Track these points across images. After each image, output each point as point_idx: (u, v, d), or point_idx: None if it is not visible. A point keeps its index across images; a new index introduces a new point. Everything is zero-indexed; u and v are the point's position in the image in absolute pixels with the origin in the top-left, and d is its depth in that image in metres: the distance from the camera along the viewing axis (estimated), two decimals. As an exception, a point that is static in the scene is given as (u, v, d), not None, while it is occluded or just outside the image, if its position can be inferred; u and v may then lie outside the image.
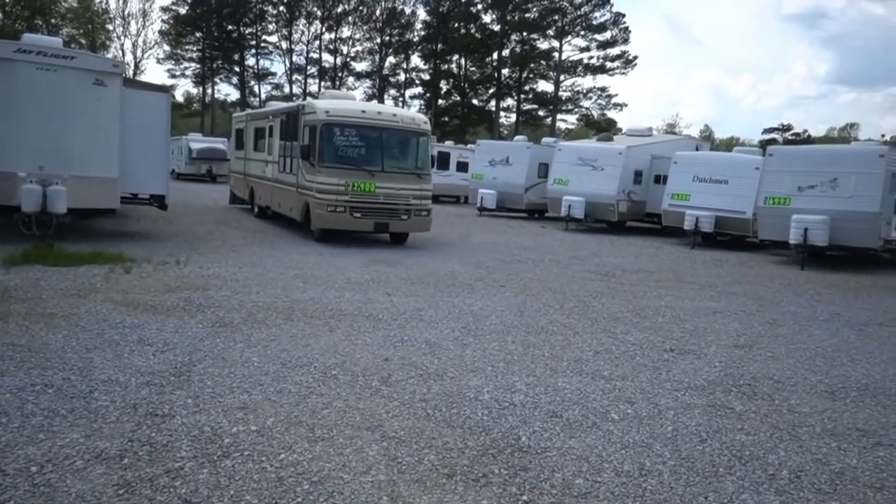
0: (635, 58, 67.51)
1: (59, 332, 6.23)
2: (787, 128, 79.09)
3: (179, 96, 75.57)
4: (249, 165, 19.76)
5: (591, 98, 67.99)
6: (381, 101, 74.69)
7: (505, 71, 70.50)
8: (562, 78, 67.91)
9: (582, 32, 69.21)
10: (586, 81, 67.72)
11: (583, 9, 68.57)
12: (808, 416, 5.28)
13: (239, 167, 21.23)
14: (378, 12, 74.60)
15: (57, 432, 4.10)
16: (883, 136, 58.93)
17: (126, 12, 68.57)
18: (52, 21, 63.66)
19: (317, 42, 75.23)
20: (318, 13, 74.41)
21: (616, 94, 61.83)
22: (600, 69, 68.36)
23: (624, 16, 67.88)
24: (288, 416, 4.60)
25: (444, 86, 73.90)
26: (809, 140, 67.19)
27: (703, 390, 5.77)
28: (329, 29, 75.18)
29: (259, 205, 18.73)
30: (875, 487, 4.08)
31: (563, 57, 69.04)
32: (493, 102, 71.75)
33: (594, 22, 68.31)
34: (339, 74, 75.90)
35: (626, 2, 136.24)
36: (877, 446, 4.73)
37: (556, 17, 68.74)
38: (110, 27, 68.77)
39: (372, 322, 7.50)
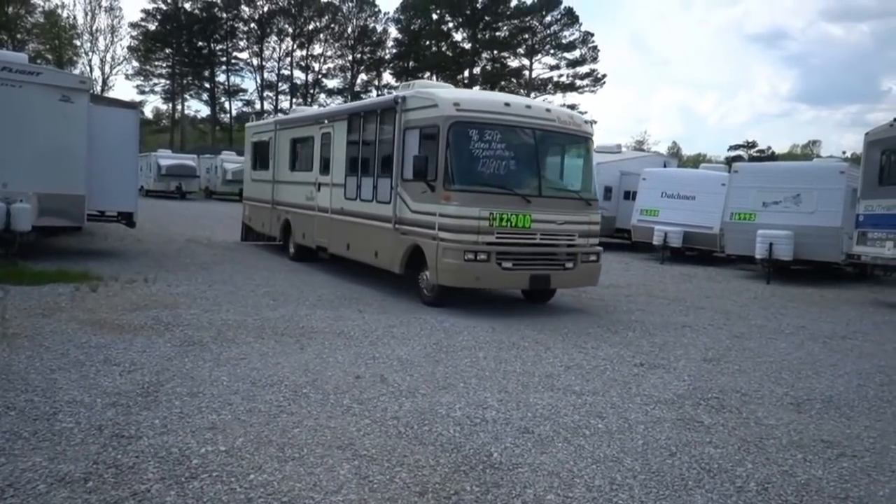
0: (604, 76, 68.82)
1: (23, 353, 6.09)
2: (752, 144, 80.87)
3: (149, 112, 74.93)
4: (282, 190, 14.80)
5: (561, 115, 68.81)
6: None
7: (476, 88, 71.20)
8: (532, 95, 68.74)
9: (552, 51, 70.31)
10: (556, 99, 68.66)
11: (552, 28, 69.68)
12: (775, 428, 5.37)
13: (260, 193, 16.06)
14: (349, 30, 74.91)
15: (19, 455, 4.01)
16: (844, 152, 60.52)
17: (94, 28, 67.88)
18: (18, 36, 62.72)
19: (288, 59, 75.27)
20: (290, 30, 74.47)
21: (586, 112, 62.73)
22: (570, 87, 69.42)
23: (592, 35, 69.08)
24: (258, 436, 4.54)
25: (414, 103, 74.18)
26: (773, 157, 68.72)
27: (673, 404, 5.84)
28: (300, 46, 75.26)
29: (301, 244, 13.84)
30: (839, 498, 4.15)
31: (534, 75, 70.08)
32: (464, 119, 72.11)
33: (563, 41, 69.44)
34: (311, 91, 75.86)
35: (594, 21, 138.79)
36: (841, 457, 4.82)
37: (527, 36, 69.73)
38: (78, 43, 67.98)
39: (343, 339, 7.46)
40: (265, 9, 72.94)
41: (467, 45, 71.88)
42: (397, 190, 10.12)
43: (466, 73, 71.70)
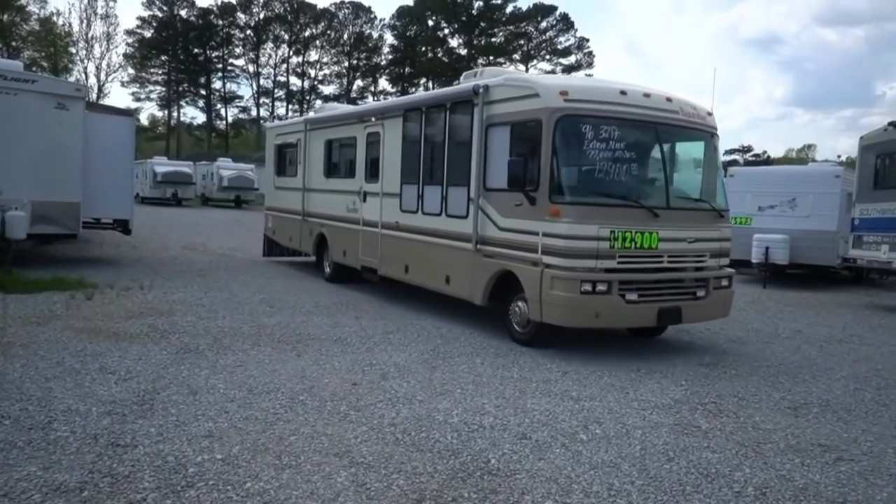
0: (600, 81, 68.79)
1: (17, 362, 6.06)
2: (747, 149, 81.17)
3: (144, 119, 74.97)
4: (315, 200, 12.94)
5: (557, 121, 69.08)
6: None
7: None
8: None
9: (547, 56, 70.58)
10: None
11: (548, 34, 69.95)
12: (773, 432, 5.36)
13: (287, 202, 14.14)
14: (346, 36, 75.09)
15: (14, 465, 3.98)
16: (839, 156, 60.75)
17: (90, 35, 67.97)
18: (14, 44, 62.76)
19: (284, 65, 75.43)
20: (286, 37, 74.65)
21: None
22: (566, 92, 69.44)
23: (588, 40, 69.37)
24: (254, 444, 4.52)
25: (412, 109, 74.37)
26: (769, 161, 68.99)
27: (670, 409, 5.83)
28: (296, 52, 75.43)
29: (340, 262, 12.02)
30: (837, 502, 4.15)
31: (530, 80, 70.02)
32: (460, 125, 72.30)
33: (559, 46, 69.71)
34: (307, 97, 75.98)
35: (589, 27, 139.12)
36: (839, 461, 4.82)
37: (522, 42, 69.96)
38: (73, 50, 68.00)
39: (340, 346, 7.44)
40: (261, 16, 73.19)
41: (463, 52, 72.12)
42: (478, 202, 8.33)
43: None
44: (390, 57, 75.11)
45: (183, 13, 72.03)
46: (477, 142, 8.40)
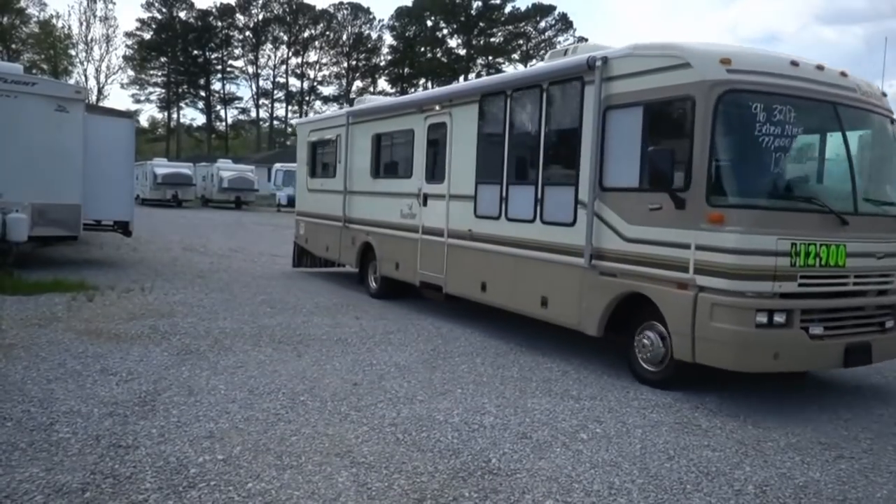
0: (599, 81, 68.80)
1: (19, 363, 6.08)
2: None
3: (144, 121, 75.11)
4: (360, 204, 11.39)
5: (556, 120, 69.20)
6: (349, 124, 74.92)
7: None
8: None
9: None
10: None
11: (546, 33, 69.99)
12: (773, 430, 5.37)
13: (323, 206, 12.64)
14: (345, 37, 75.16)
15: (16, 467, 3.99)
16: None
17: (89, 38, 68.14)
18: (13, 47, 62.84)
19: (283, 66, 75.53)
20: (285, 38, 74.74)
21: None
22: (565, 92, 69.47)
23: (587, 40, 69.23)
24: (255, 444, 4.54)
25: (411, 109, 74.44)
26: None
27: (670, 408, 5.84)
28: (296, 53, 75.52)
29: (390, 276, 10.50)
30: (838, 500, 4.16)
31: (529, 80, 70.08)
32: (460, 125, 72.39)
33: (558, 46, 69.58)
34: (307, 98, 76.03)
35: (588, 27, 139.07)
36: (839, 459, 4.83)
37: (521, 42, 69.99)
38: (73, 53, 68.07)
39: (341, 346, 7.45)
40: (260, 17, 73.25)
41: (462, 52, 72.18)
42: (592, 206, 6.75)
43: (461, 79, 71.90)
44: (389, 57, 75.21)
45: (182, 15, 72.16)
46: (591, 129, 6.79)
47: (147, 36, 72.10)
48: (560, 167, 7.54)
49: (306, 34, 74.97)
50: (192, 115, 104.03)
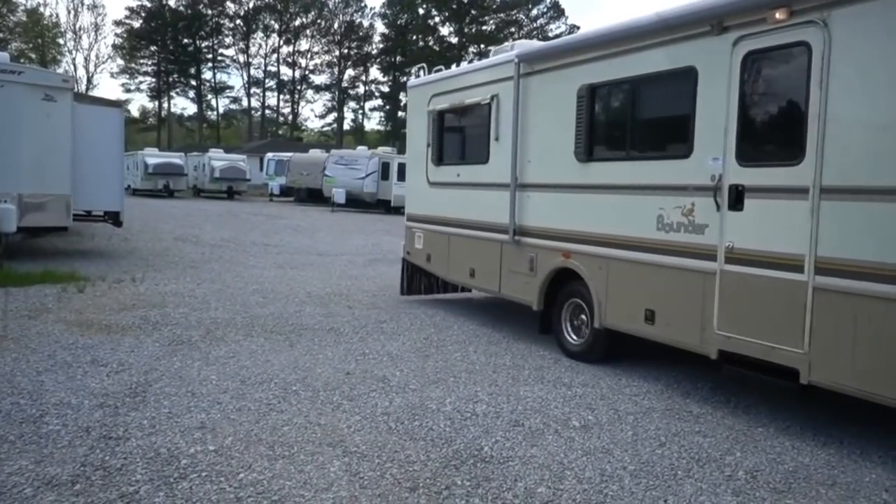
0: (592, 68, 68.63)
1: (9, 355, 6.04)
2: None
3: (135, 111, 74.59)
4: (544, 206, 7.31)
5: (549, 108, 69.16)
6: (341, 114, 74.74)
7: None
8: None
9: (539, 44, 70.20)
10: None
11: (539, 21, 69.70)
12: (763, 416, 5.40)
13: (464, 209, 8.63)
14: (336, 25, 74.73)
15: (5, 459, 3.97)
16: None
17: (77, 26, 67.68)
18: (1, 35, 62.14)
19: (274, 55, 75.03)
20: (276, 26, 74.23)
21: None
22: (558, 80, 69.34)
23: (579, 28, 69.04)
24: (247, 435, 4.53)
25: (403, 98, 74.16)
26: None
27: (662, 394, 5.86)
28: (287, 42, 75.02)
29: (627, 330, 6.34)
30: (827, 485, 4.18)
31: (521, 68, 69.89)
32: (452, 114, 72.17)
33: (550, 34, 69.33)
34: (298, 87, 75.62)
35: (580, 14, 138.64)
36: (828, 444, 4.86)
37: (513, 30, 69.66)
38: (61, 41, 67.43)
39: (333, 336, 7.44)
40: (251, 5, 72.64)
41: (454, 40, 71.83)
42: None
43: (454, 68, 71.65)
44: (381, 46, 74.76)
45: (171, 3, 71.45)
46: None
47: (136, 24, 71.43)
48: None
49: (297, 22, 74.47)
50: (182, 105, 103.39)
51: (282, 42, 74.69)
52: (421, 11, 71.87)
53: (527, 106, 7.49)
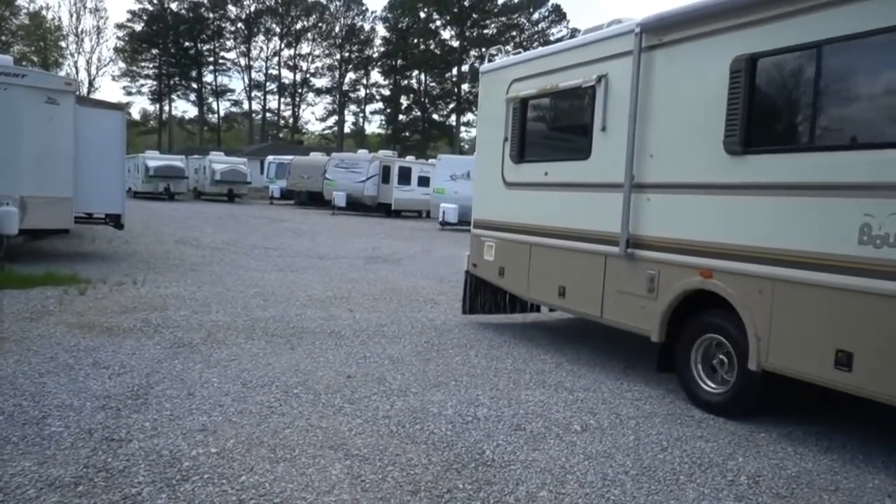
0: (592, 73, 68.73)
1: (11, 357, 6.04)
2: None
3: (136, 113, 74.70)
4: (673, 211, 5.74)
5: (550, 112, 69.23)
6: (342, 117, 74.76)
7: (465, 86, 71.28)
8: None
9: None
10: (545, 96, 68.72)
11: (540, 25, 69.85)
12: (766, 421, 5.39)
13: (550, 216, 7.26)
14: (337, 29, 74.88)
15: (8, 461, 3.97)
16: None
17: (79, 29, 67.87)
18: (3, 38, 62.31)
19: (276, 58, 75.18)
20: (277, 30, 74.38)
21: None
22: (559, 84, 69.43)
23: (580, 31, 69.19)
24: (249, 437, 4.52)
25: (404, 101, 74.34)
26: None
27: (664, 399, 5.86)
28: (288, 45, 75.16)
29: (800, 375, 4.81)
30: (830, 490, 4.18)
31: (522, 72, 70.00)
32: (453, 117, 72.31)
33: (552, 38, 69.49)
34: (299, 90, 75.73)
35: (582, 18, 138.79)
36: (831, 450, 4.86)
37: (515, 34, 69.82)
38: (63, 44, 67.57)
39: (334, 339, 7.44)
40: (252, 8, 72.80)
41: (455, 43, 71.94)
42: None
43: (455, 71, 71.79)
44: (382, 49, 74.87)
45: (173, 6, 71.63)
46: None
47: (138, 27, 71.60)
48: None
49: (299, 26, 74.60)
50: (184, 108, 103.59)
51: (283, 45, 74.87)
52: (422, 15, 72.02)
53: (650, 87, 6.02)
